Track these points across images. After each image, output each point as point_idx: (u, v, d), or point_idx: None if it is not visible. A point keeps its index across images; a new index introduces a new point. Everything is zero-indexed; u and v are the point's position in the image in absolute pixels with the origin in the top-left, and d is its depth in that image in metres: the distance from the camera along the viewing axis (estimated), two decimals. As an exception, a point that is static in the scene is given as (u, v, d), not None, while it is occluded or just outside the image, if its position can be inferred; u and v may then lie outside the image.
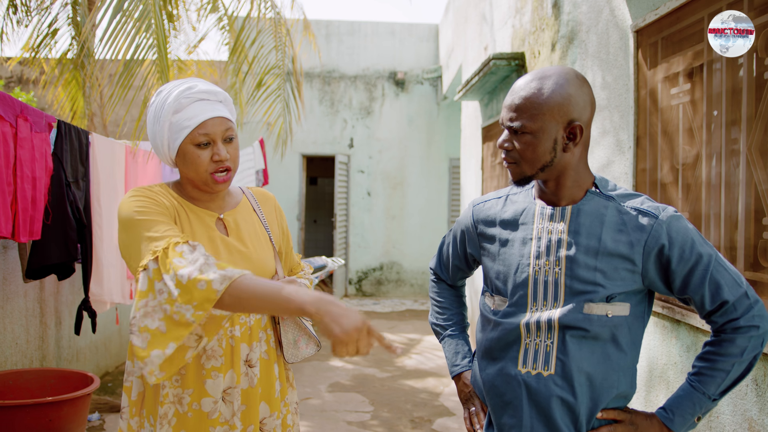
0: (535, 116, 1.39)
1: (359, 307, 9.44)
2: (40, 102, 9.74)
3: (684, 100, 2.41)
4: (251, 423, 1.59)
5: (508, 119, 1.43)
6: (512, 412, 1.46)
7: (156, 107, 1.55)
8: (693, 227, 1.42)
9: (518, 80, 1.45)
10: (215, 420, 1.55)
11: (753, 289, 1.41)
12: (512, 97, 1.43)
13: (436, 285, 1.86)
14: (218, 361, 1.56)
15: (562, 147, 1.41)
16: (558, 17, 3.87)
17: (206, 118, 1.53)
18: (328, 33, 10.53)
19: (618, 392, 1.44)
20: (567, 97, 1.38)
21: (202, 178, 1.56)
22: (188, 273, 1.32)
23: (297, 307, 1.31)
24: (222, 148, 1.55)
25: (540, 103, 1.38)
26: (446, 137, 10.53)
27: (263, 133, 8.63)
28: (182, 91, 1.53)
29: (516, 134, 1.42)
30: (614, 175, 3.00)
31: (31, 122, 3.08)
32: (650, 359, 2.63)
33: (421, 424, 4.40)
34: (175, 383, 1.54)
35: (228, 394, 1.57)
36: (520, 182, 1.48)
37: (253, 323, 1.62)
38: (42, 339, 4.33)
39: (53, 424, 3.18)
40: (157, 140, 1.57)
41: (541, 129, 1.39)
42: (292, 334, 1.71)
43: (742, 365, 1.39)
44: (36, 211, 3.17)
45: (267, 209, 1.79)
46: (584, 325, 1.40)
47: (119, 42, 3.88)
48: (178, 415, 1.54)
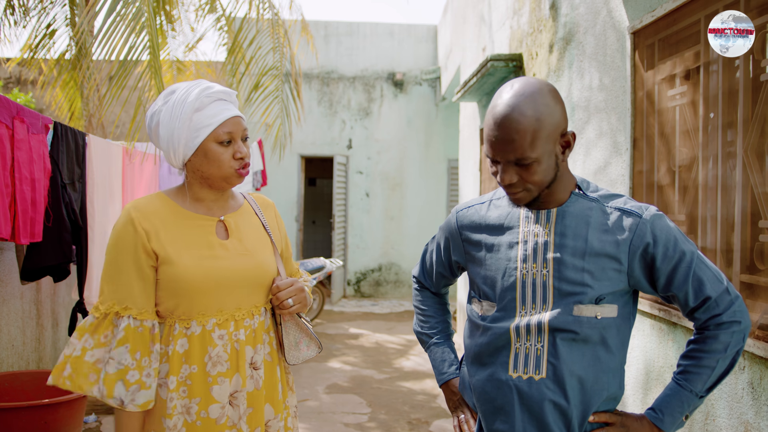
0: (533, 144, 1.35)
1: (358, 309, 9.44)
2: (38, 103, 9.72)
3: (681, 102, 2.40)
4: (258, 425, 1.60)
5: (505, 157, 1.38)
6: (504, 418, 1.45)
7: (173, 106, 1.55)
8: (675, 225, 1.43)
9: (495, 110, 1.38)
10: (223, 425, 1.55)
11: (733, 286, 1.43)
12: (502, 132, 1.36)
13: (419, 293, 1.85)
14: (224, 366, 1.56)
15: (561, 159, 1.42)
16: (556, 19, 3.86)
17: (228, 117, 1.57)
18: (326, 34, 10.53)
19: (608, 394, 1.44)
20: (552, 113, 1.37)
21: (225, 174, 1.59)
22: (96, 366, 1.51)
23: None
24: (242, 145, 1.60)
25: (535, 130, 1.34)
26: (445, 138, 10.53)
27: (261, 134, 8.62)
28: (202, 90, 1.56)
29: (519, 167, 1.38)
30: (611, 178, 2.99)
31: (28, 124, 3.07)
32: (647, 361, 2.63)
33: (418, 426, 4.39)
34: (182, 394, 1.54)
35: (234, 398, 1.57)
36: (530, 204, 1.47)
37: (257, 326, 1.62)
38: (38, 341, 4.32)
39: (49, 426, 3.17)
40: (173, 140, 1.55)
41: (542, 153, 1.37)
42: (293, 335, 1.71)
43: (726, 360, 1.40)
44: (36, 212, 3.16)
45: (268, 215, 1.79)
46: (574, 327, 1.39)
47: (113, 42, 3.87)
48: (187, 425, 1.54)
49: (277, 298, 1.63)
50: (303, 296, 1.67)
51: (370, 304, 9.88)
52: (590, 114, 3.26)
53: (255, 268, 1.62)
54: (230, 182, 1.63)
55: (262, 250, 1.67)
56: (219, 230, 1.64)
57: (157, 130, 1.59)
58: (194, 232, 1.60)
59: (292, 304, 1.64)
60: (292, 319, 1.71)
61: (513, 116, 1.34)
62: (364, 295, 10.60)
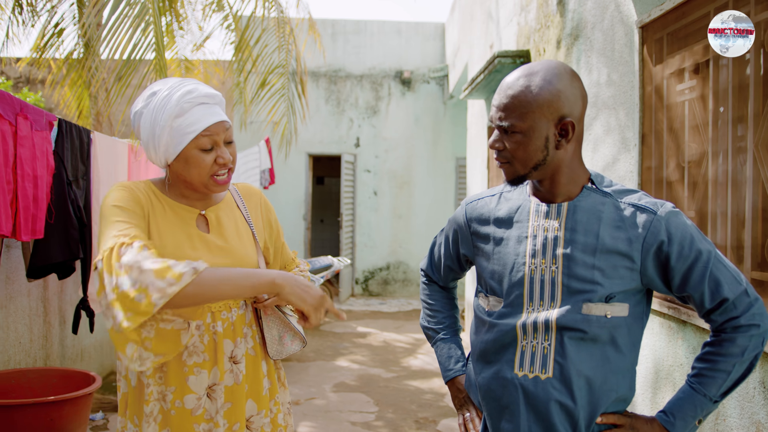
0: (524, 115, 1.35)
1: (366, 307, 9.42)
2: (47, 102, 9.77)
3: (690, 97, 2.36)
4: (237, 421, 1.57)
5: (497, 119, 1.39)
6: (509, 417, 1.42)
7: (153, 110, 1.51)
8: (691, 223, 1.38)
9: (506, 77, 1.41)
10: (199, 417, 1.53)
11: (752, 287, 1.38)
12: (500, 96, 1.38)
13: (427, 287, 1.82)
14: (200, 357, 1.54)
15: (555, 144, 1.37)
16: (563, 14, 3.83)
17: (210, 124, 1.52)
18: (334, 32, 10.51)
19: (617, 396, 1.40)
20: (556, 93, 1.34)
21: (203, 181, 1.56)
22: (120, 283, 1.31)
23: (267, 281, 1.42)
24: (225, 151, 1.56)
25: (529, 101, 1.34)
26: (453, 136, 10.49)
27: (269, 133, 8.62)
28: (183, 95, 1.50)
29: (506, 134, 1.38)
30: (620, 174, 2.95)
31: (31, 120, 3.07)
32: (656, 360, 2.59)
33: (425, 425, 4.37)
34: (159, 381, 1.53)
35: (213, 391, 1.55)
36: (513, 182, 1.44)
37: (236, 319, 1.60)
38: (46, 338, 4.33)
39: (54, 423, 3.17)
40: (153, 144, 1.53)
41: (531, 128, 1.35)
42: (276, 330, 1.68)
43: (743, 365, 1.35)
44: (38, 209, 3.16)
45: (251, 204, 1.76)
46: (582, 326, 1.35)
47: (118, 40, 3.87)
48: (163, 411, 1.53)
49: None
50: None
51: (378, 303, 9.86)
52: (598, 110, 3.23)
53: (233, 264, 1.58)
54: (210, 190, 1.59)
55: (242, 245, 1.65)
56: (200, 223, 1.62)
57: (138, 130, 1.57)
58: (176, 221, 1.58)
59: (266, 297, 1.61)
60: (274, 313, 1.68)
61: (511, 82, 1.38)
62: (372, 293, 10.58)
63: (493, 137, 1.42)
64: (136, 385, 1.54)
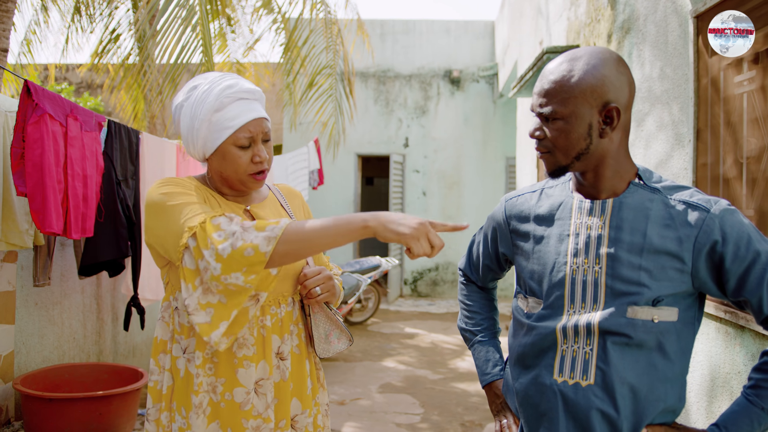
0: (566, 100, 1.27)
1: (414, 308, 9.37)
2: (106, 106, 10.10)
3: (749, 89, 2.23)
4: (283, 417, 1.56)
5: (537, 105, 1.32)
6: (547, 425, 1.35)
7: (193, 104, 1.51)
8: (749, 222, 1.27)
9: (548, 63, 1.34)
10: (248, 412, 1.51)
11: None
12: (542, 82, 1.32)
13: (465, 287, 1.75)
14: (250, 350, 1.52)
15: (599, 132, 1.29)
16: (614, 7, 3.69)
17: (249, 119, 1.51)
18: (382, 32, 10.51)
19: (665, 406, 1.30)
20: (600, 77, 1.26)
21: (240, 178, 1.55)
22: (230, 244, 1.32)
23: (359, 226, 1.35)
24: (263, 149, 1.54)
25: (571, 86, 1.27)
26: (502, 136, 10.34)
27: (317, 133, 8.68)
28: (223, 89, 1.50)
29: (547, 121, 1.31)
30: (673, 171, 2.82)
31: (81, 121, 3.15)
32: (712, 367, 2.45)
33: (471, 428, 4.29)
34: (209, 371, 1.51)
35: (260, 386, 1.53)
36: (554, 173, 1.36)
37: (284, 315, 1.58)
38: (99, 334, 4.45)
39: (103, 417, 3.24)
40: (192, 137, 1.53)
41: (573, 113, 1.28)
42: (323, 327, 1.67)
43: None
44: (88, 208, 3.25)
45: (294, 205, 1.76)
46: (627, 331, 1.27)
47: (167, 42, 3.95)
48: (213, 404, 1.51)
49: (305, 287, 1.60)
50: (331, 285, 1.63)
51: (426, 304, 9.80)
52: (651, 105, 3.09)
53: None
54: (247, 186, 1.58)
55: None
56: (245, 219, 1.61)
57: (179, 123, 1.57)
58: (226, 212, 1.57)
59: (320, 292, 1.60)
60: (321, 310, 1.66)
61: (553, 67, 1.31)
62: (421, 294, 10.52)
63: (533, 125, 1.35)
64: (185, 376, 1.53)
